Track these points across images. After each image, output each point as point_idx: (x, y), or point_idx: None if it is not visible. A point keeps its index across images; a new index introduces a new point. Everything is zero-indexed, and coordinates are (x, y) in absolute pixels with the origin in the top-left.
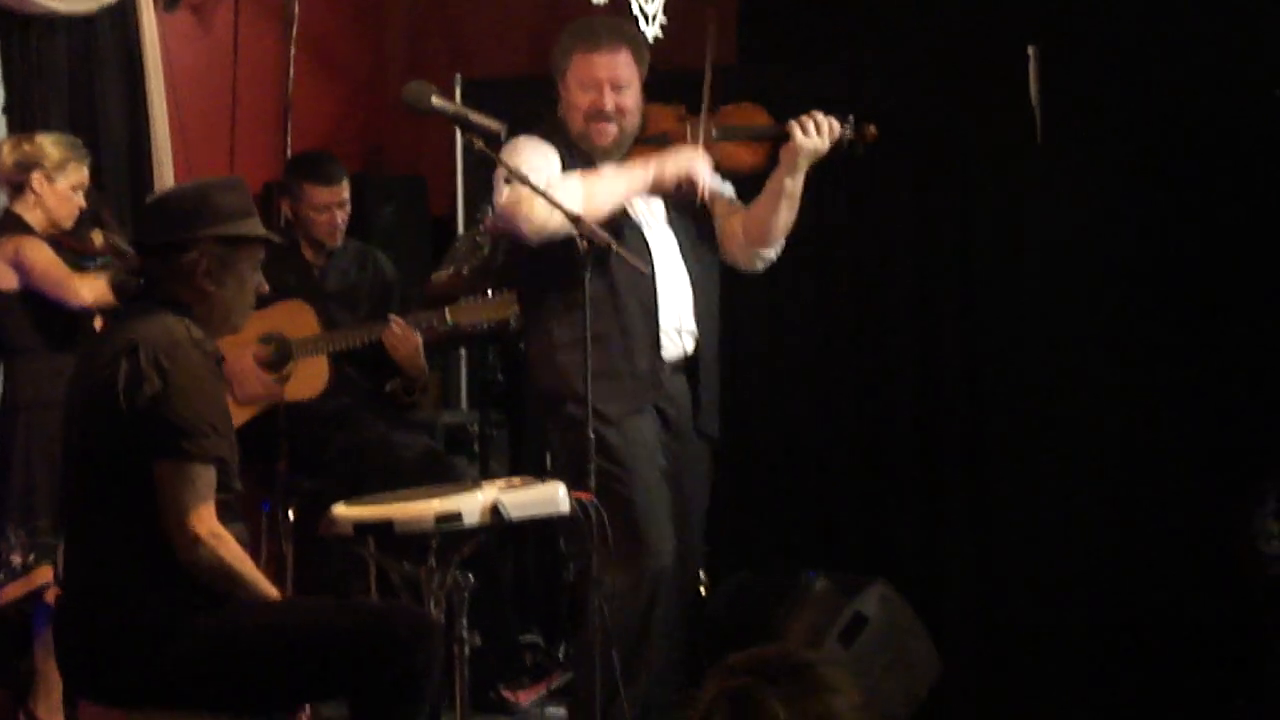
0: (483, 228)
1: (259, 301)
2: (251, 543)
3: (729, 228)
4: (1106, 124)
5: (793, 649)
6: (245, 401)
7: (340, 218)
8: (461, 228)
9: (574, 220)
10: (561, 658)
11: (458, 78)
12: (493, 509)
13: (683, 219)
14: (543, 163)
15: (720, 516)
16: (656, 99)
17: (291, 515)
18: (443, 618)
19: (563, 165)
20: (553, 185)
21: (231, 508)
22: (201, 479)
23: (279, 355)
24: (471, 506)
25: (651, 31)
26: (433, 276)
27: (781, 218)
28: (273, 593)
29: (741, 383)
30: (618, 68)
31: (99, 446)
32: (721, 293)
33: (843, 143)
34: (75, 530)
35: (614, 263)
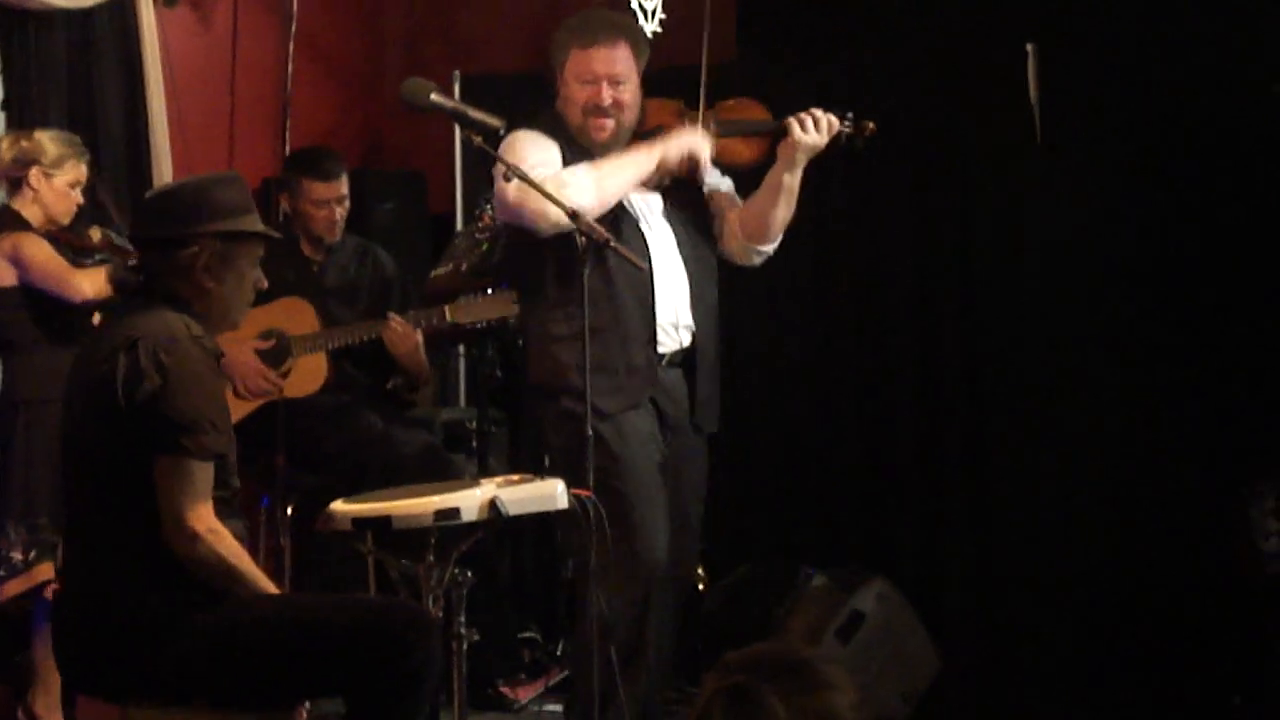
0: (481, 224)
1: (259, 298)
2: (250, 539)
3: (727, 222)
4: (1106, 123)
5: (791, 646)
6: (245, 397)
7: (339, 213)
8: (460, 224)
9: (572, 216)
10: (559, 654)
11: (456, 74)
12: (491, 505)
13: (680, 213)
14: (546, 156)
15: (719, 513)
16: (655, 95)
17: (290, 511)
18: (441, 614)
19: (563, 159)
20: (562, 178)
21: (230, 504)
22: (200, 475)
23: (279, 351)
24: (470, 503)
25: (650, 28)
26: (432, 273)
27: (779, 213)
28: (271, 588)
29: (741, 381)
30: (616, 63)
31: (98, 442)
32: (721, 292)
33: (841, 138)
34: (74, 526)
35: (611, 258)
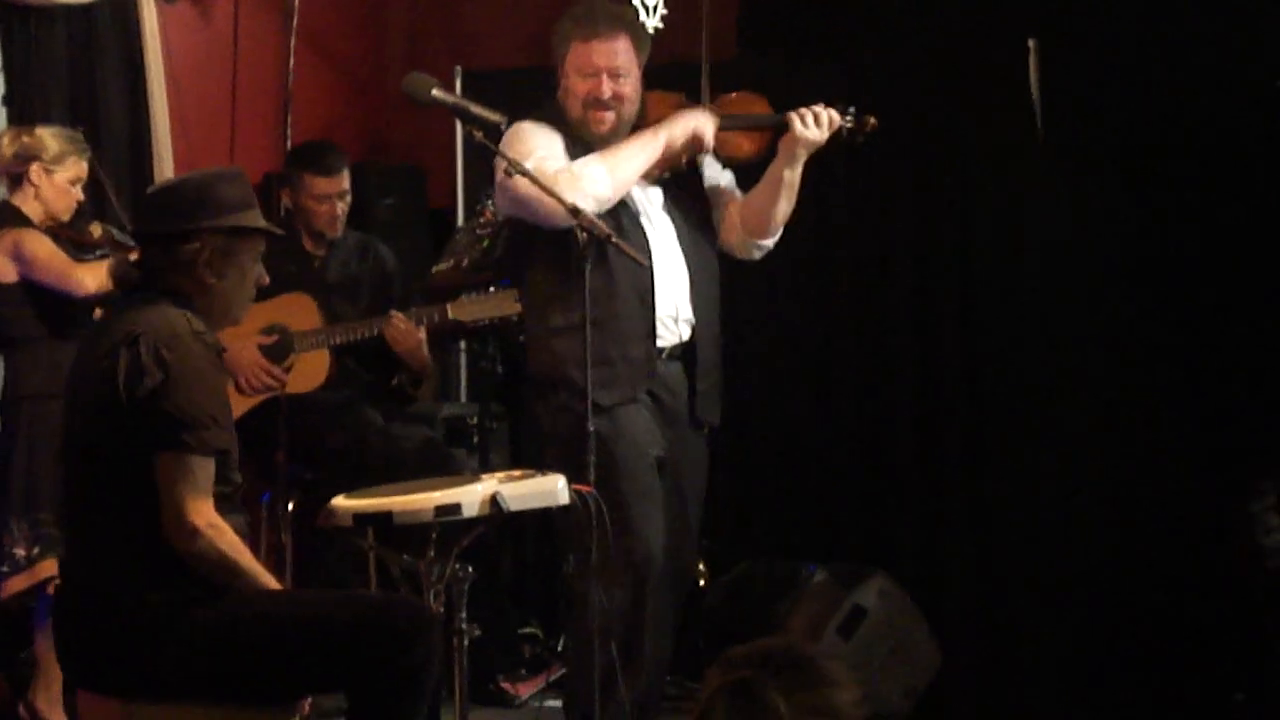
0: (482, 219)
1: (261, 293)
2: (251, 534)
3: (727, 216)
4: (1107, 121)
5: (794, 642)
6: (247, 393)
7: (341, 208)
8: (461, 219)
9: (573, 213)
10: (560, 650)
11: (457, 70)
12: (492, 501)
13: (680, 207)
14: (552, 148)
15: (721, 509)
16: (656, 89)
17: (291, 507)
18: (442, 609)
19: (565, 151)
20: (574, 170)
21: (231, 499)
22: (201, 471)
23: (281, 347)
24: (471, 498)
25: (651, 24)
26: (433, 269)
27: (780, 208)
28: (272, 584)
29: (743, 379)
30: (616, 55)
31: (99, 438)
32: (722, 291)
33: (842, 134)
34: (74, 521)
35: (612, 252)
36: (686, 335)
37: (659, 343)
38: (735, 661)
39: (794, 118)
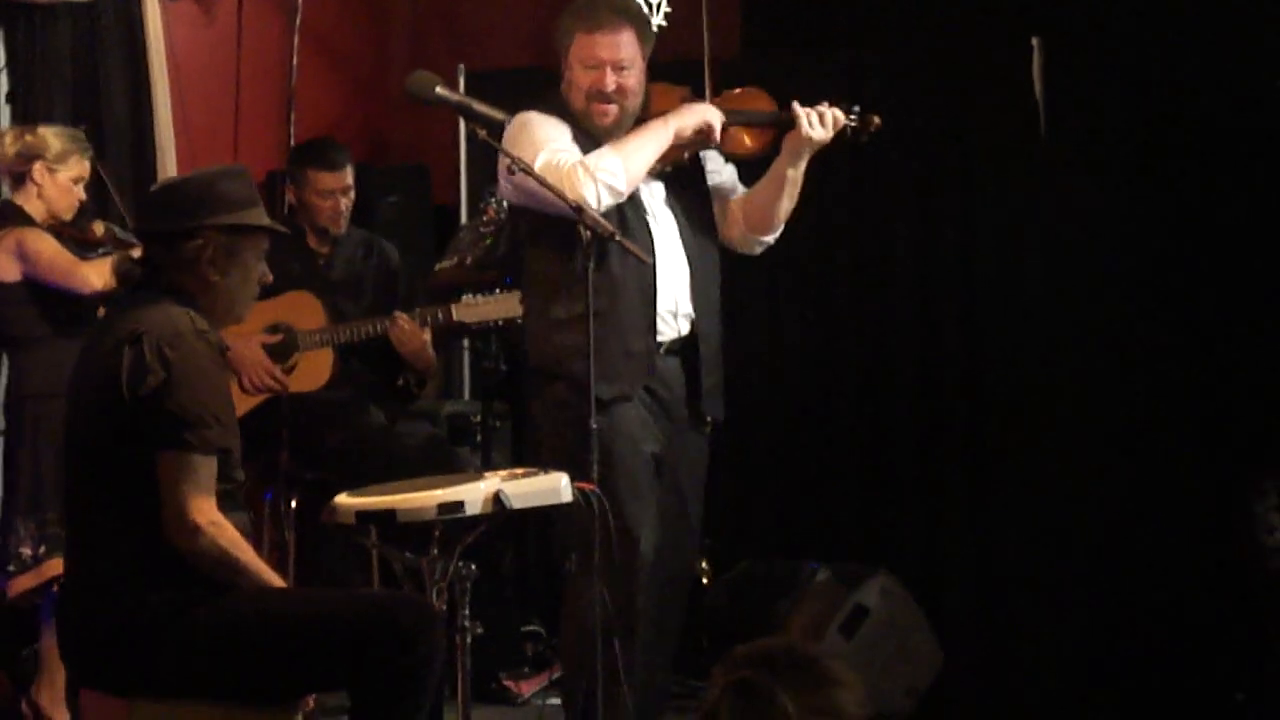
0: (486, 218)
1: (265, 291)
2: (254, 532)
3: (729, 211)
4: (1109, 120)
5: (799, 642)
6: (250, 392)
7: (344, 204)
8: (465, 217)
9: (576, 210)
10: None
11: (461, 68)
12: (495, 498)
13: (682, 201)
14: (563, 139)
15: (723, 508)
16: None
17: (294, 504)
18: (444, 607)
19: (573, 142)
20: (589, 162)
21: (234, 497)
22: (203, 470)
23: (285, 346)
24: (474, 496)
25: (655, 21)
26: (436, 267)
27: (782, 205)
28: (275, 581)
29: (744, 378)
30: (620, 48)
31: (101, 436)
32: (724, 290)
33: (846, 133)
34: (77, 519)
35: (615, 247)
36: (685, 330)
37: (658, 337)
38: (740, 661)
39: (798, 116)
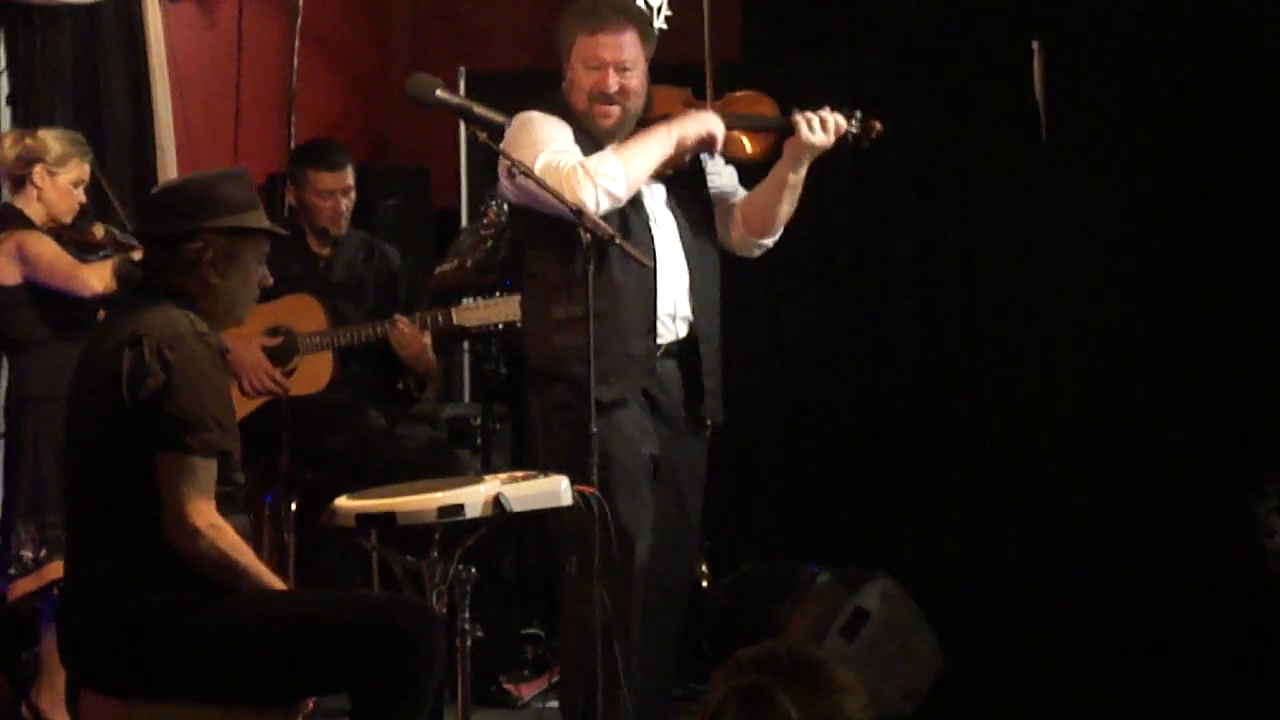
0: (486, 220)
1: (266, 294)
2: (254, 535)
3: (728, 213)
4: (1110, 123)
5: (803, 646)
6: (250, 395)
7: (344, 204)
8: (465, 220)
9: (576, 214)
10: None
11: (462, 70)
12: (495, 501)
13: (683, 204)
14: (564, 140)
15: (723, 510)
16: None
17: (294, 507)
18: (444, 610)
19: (574, 143)
20: (590, 166)
21: (234, 499)
22: (203, 472)
23: (285, 349)
24: (474, 499)
25: (656, 24)
26: (437, 270)
27: (783, 209)
28: (275, 584)
29: (744, 380)
30: (623, 49)
31: (101, 438)
32: (724, 292)
33: (847, 139)
34: (78, 522)
35: (616, 250)
36: (683, 333)
37: (657, 340)
38: (744, 665)
39: (800, 121)
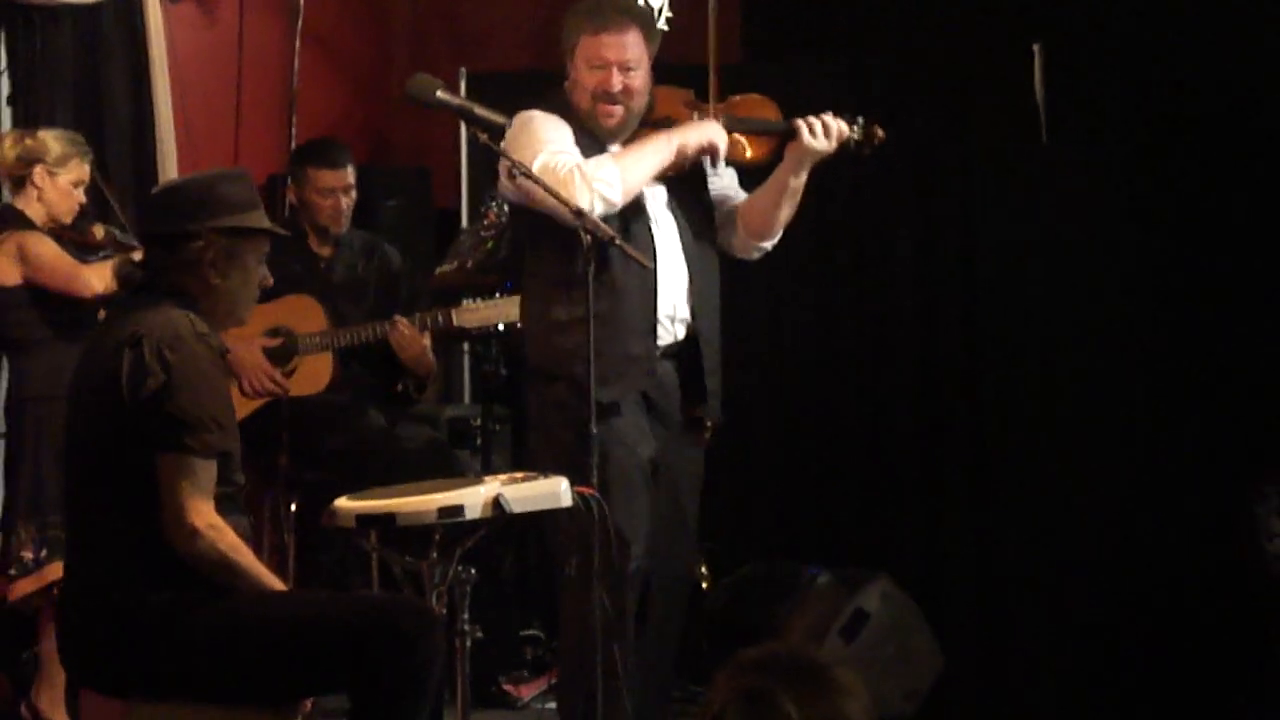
0: (487, 221)
1: (266, 295)
2: (253, 535)
3: (728, 216)
4: (1111, 125)
5: (804, 648)
6: (250, 395)
7: (345, 203)
8: (466, 220)
9: (577, 215)
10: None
11: (462, 71)
12: (495, 503)
13: (683, 206)
14: (564, 140)
15: (723, 511)
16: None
17: (294, 508)
18: (444, 611)
19: (575, 143)
20: (587, 170)
21: (234, 500)
22: (203, 473)
23: (285, 349)
24: (474, 500)
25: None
26: (437, 270)
27: (783, 212)
28: (275, 584)
29: (744, 380)
30: (626, 49)
31: (102, 438)
32: (724, 292)
33: (849, 144)
34: (77, 521)
35: (616, 251)
36: (682, 335)
37: (657, 341)
38: (745, 666)
39: (802, 126)
